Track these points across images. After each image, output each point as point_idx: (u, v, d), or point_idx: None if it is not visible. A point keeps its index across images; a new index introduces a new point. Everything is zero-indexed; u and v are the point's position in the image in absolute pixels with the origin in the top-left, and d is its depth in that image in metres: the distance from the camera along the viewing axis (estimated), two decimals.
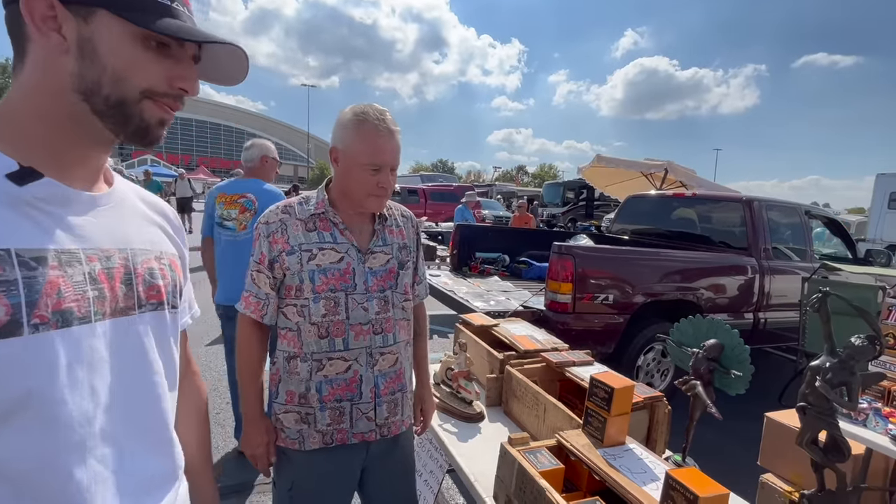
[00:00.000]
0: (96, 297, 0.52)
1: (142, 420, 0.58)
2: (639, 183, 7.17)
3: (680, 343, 1.27)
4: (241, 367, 1.17)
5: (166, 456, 0.63)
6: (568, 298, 2.93)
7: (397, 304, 1.17)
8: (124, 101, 0.53)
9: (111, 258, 0.55)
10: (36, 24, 0.49)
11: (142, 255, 0.60)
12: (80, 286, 0.51)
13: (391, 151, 1.09)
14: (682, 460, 1.23)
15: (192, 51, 0.57)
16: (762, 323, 3.77)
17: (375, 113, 1.08)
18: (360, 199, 1.11)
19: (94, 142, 0.56)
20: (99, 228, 0.55)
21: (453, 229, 4.94)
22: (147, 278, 0.60)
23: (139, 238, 0.61)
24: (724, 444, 2.77)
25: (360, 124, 1.07)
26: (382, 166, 1.08)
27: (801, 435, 0.96)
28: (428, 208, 13.61)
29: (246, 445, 1.15)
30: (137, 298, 0.58)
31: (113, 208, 0.59)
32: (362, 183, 1.09)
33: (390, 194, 1.14)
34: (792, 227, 4.18)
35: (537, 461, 1.03)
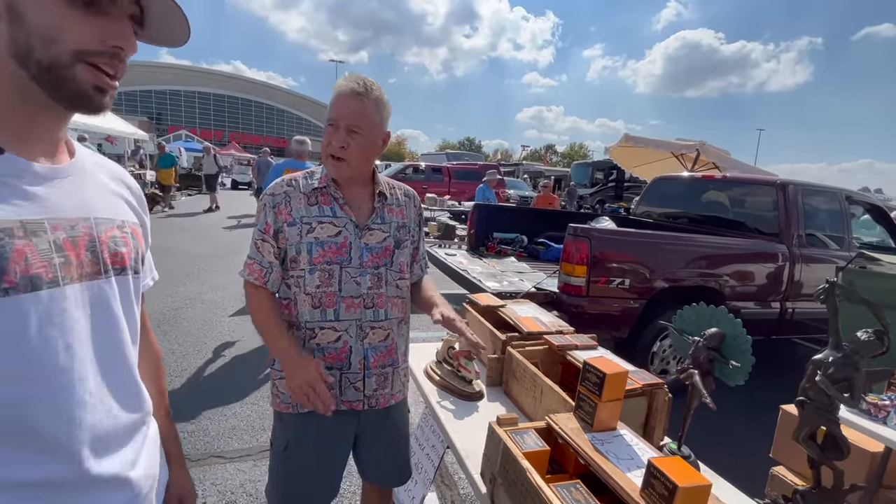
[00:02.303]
0: (62, 264, 0.55)
1: (114, 372, 0.63)
2: (669, 164, 6.88)
3: (682, 331, 1.23)
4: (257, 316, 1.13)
5: (136, 402, 0.68)
6: (582, 281, 2.88)
7: (391, 281, 1.18)
8: (57, 64, 0.52)
9: (75, 227, 0.58)
10: None
11: (105, 224, 0.63)
12: (46, 253, 0.53)
13: (345, 107, 1.07)
14: (677, 448, 1.21)
15: (129, 10, 0.57)
16: (790, 312, 3.62)
17: (351, 76, 1.10)
18: (324, 163, 1.13)
19: (40, 110, 0.56)
20: (62, 199, 0.57)
21: (471, 208, 4.90)
22: (111, 246, 0.63)
23: (102, 208, 0.63)
24: (742, 434, 2.71)
25: (334, 88, 1.09)
26: (335, 121, 1.08)
27: (799, 430, 0.93)
28: (452, 187, 13.51)
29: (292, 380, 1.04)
30: (103, 264, 0.61)
31: (74, 179, 0.61)
32: (322, 144, 1.11)
33: (352, 161, 1.09)
34: (830, 213, 3.94)
35: (523, 442, 1.04)
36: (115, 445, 0.63)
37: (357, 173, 1.15)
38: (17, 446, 0.52)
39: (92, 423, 0.58)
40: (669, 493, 0.80)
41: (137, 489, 0.65)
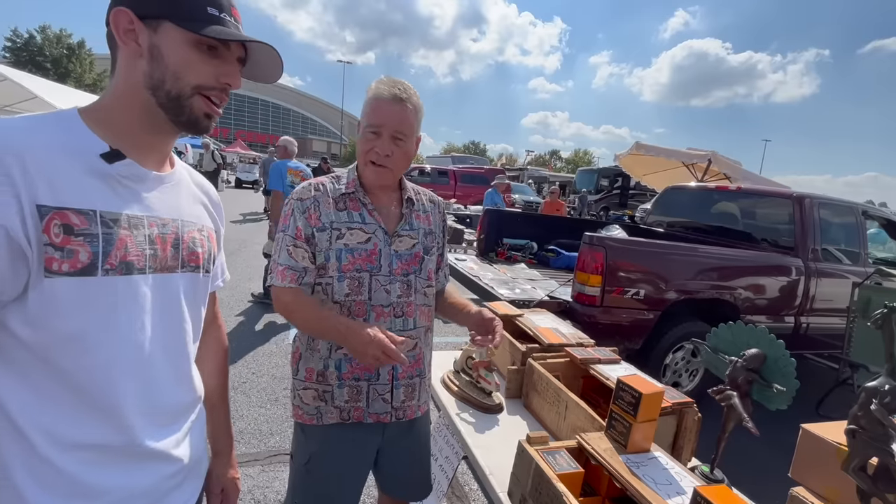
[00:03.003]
0: (151, 255, 0.66)
1: (174, 356, 0.72)
2: (678, 173, 6.84)
3: (716, 349, 1.19)
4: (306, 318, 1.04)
5: (189, 388, 0.77)
6: (596, 291, 2.84)
7: (420, 289, 1.15)
8: (180, 95, 0.65)
9: (166, 226, 0.70)
10: (120, 35, 0.63)
11: (188, 227, 0.75)
12: (141, 245, 0.65)
13: (390, 114, 1.04)
14: (710, 472, 1.17)
15: (237, 53, 0.70)
16: (804, 328, 3.57)
17: (388, 80, 1.06)
18: (362, 170, 1.09)
19: (160, 130, 0.69)
20: (160, 202, 0.70)
21: (482, 213, 4.86)
22: (190, 245, 0.74)
23: (188, 212, 0.76)
24: (752, 450, 2.66)
25: (372, 91, 1.06)
26: (378, 128, 1.04)
27: (849, 460, 0.89)
28: (457, 190, 13.50)
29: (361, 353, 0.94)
30: (181, 260, 0.72)
31: (173, 187, 0.73)
32: (362, 149, 1.07)
33: (395, 167, 1.07)
34: (845, 227, 3.89)
35: (556, 463, 1.00)
36: (167, 423, 0.72)
37: (395, 181, 1.13)
38: (86, 410, 0.61)
39: (152, 397, 0.68)
40: None
41: (180, 467, 0.74)
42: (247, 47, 0.71)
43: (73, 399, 0.61)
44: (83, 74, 29.78)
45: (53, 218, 0.56)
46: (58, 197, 0.57)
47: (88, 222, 0.59)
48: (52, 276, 0.56)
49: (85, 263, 0.58)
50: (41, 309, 0.57)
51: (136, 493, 0.68)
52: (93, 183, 0.61)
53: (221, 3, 0.66)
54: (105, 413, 0.63)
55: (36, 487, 0.59)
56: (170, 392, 0.72)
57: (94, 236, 0.59)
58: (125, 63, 0.65)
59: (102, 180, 0.62)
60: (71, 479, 0.61)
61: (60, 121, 0.62)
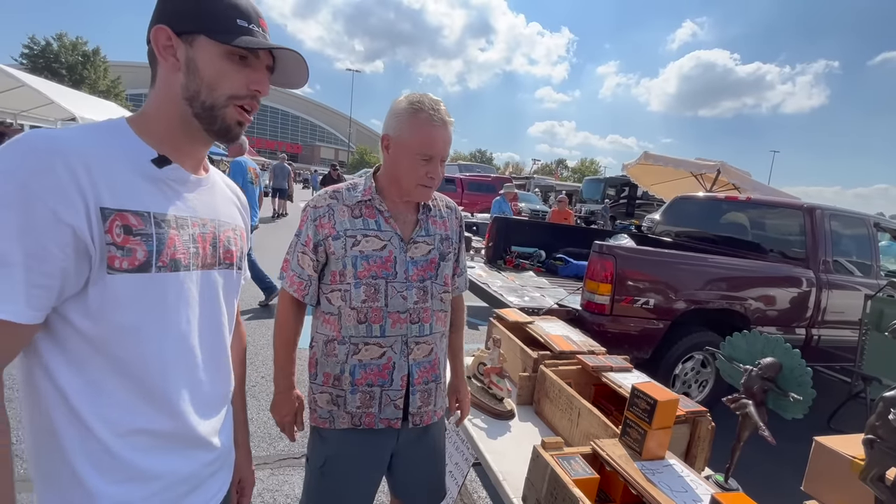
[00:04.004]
0: (194, 253, 0.71)
1: (214, 347, 0.77)
2: (686, 183, 6.83)
3: (731, 358, 1.19)
4: (279, 339, 1.20)
5: (227, 379, 0.82)
6: (606, 300, 2.84)
7: (436, 294, 1.16)
8: (214, 105, 0.69)
9: (206, 225, 0.75)
10: (160, 51, 0.67)
11: (224, 226, 0.79)
12: (187, 244, 0.70)
13: (443, 142, 1.07)
14: (724, 481, 1.17)
15: (266, 62, 0.73)
16: (815, 340, 3.53)
17: (431, 103, 1.07)
18: (408, 188, 1.11)
19: (196, 138, 0.73)
20: (200, 203, 0.75)
21: (490, 221, 4.88)
22: (226, 244, 0.79)
23: (224, 213, 0.80)
24: (762, 463, 2.63)
25: (415, 113, 1.06)
26: (433, 156, 1.07)
27: (867, 470, 0.88)
28: (464, 198, 13.53)
29: (276, 412, 1.23)
30: (218, 258, 0.77)
31: (209, 189, 0.78)
32: (412, 172, 1.08)
33: (438, 185, 1.13)
34: (857, 239, 3.87)
35: (571, 468, 1.00)
36: (210, 412, 0.76)
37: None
38: (140, 398, 0.65)
39: (198, 387, 0.72)
40: None
41: (217, 454, 0.78)
42: (274, 55, 0.74)
43: (128, 387, 0.65)
44: (97, 81, 30.33)
45: (115, 219, 0.61)
46: (118, 199, 0.62)
47: (144, 223, 0.64)
48: (114, 272, 0.61)
49: (142, 261, 0.63)
50: (101, 303, 0.61)
51: (182, 478, 0.72)
52: (145, 186, 0.66)
53: (250, 14, 0.70)
54: (157, 400, 0.67)
55: (94, 472, 0.63)
56: (212, 381, 0.76)
57: (149, 236, 0.64)
58: (164, 76, 0.69)
59: (153, 184, 0.67)
60: (126, 464, 0.65)
61: (113, 130, 0.67)
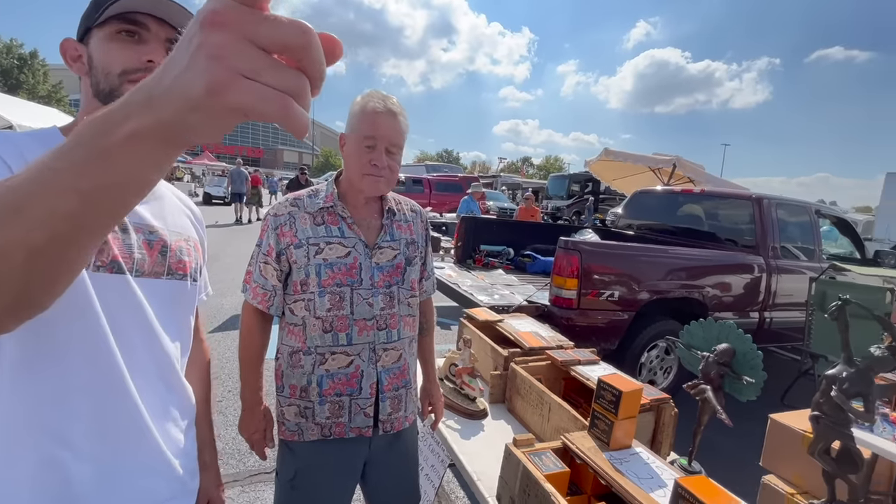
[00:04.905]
0: (140, 259, 0.69)
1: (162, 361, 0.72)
2: (646, 178, 7.09)
3: (689, 346, 1.24)
4: (244, 354, 1.17)
5: (179, 394, 0.77)
6: (573, 294, 2.91)
7: (403, 300, 1.16)
8: (112, 89, 0.66)
9: (153, 233, 0.73)
10: (69, 62, 0.68)
11: (175, 236, 0.77)
12: (130, 248, 0.68)
13: (387, 128, 1.06)
14: (688, 464, 1.22)
15: (162, 34, 0.69)
16: (767, 322, 3.74)
17: (379, 95, 1.08)
18: (356, 181, 1.10)
19: None
20: (144, 210, 0.73)
21: (458, 221, 4.90)
22: (178, 253, 0.76)
23: (174, 222, 0.78)
24: (723, 442, 2.76)
25: (363, 105, 1.07)
26: (376, 140, 1.05)
27: (814, 444, 0.94)
28: (432, 199, 13.54)
29: (244, 429, 1.18)
30: (167, 267, 0.74)
31: (157, 199, 0.76)
32: (357, 162, 1.07)
33: (388, 178, 1.09)
34: (801, 225, 4.12)
35: (542, 464, 1.02)
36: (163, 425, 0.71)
37: (388, 191, 1.15)
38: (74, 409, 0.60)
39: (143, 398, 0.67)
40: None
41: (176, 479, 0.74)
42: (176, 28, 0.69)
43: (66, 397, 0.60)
44: (36, 86, 28.45)
45: None
46: None
47: None
48: None
49: None
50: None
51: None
52: None
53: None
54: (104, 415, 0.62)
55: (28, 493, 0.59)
56: (161, 393, 0.71)
57: None
58: (83, 83, 0.69)
59: None
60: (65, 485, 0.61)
61: (45, 137, 0.65)
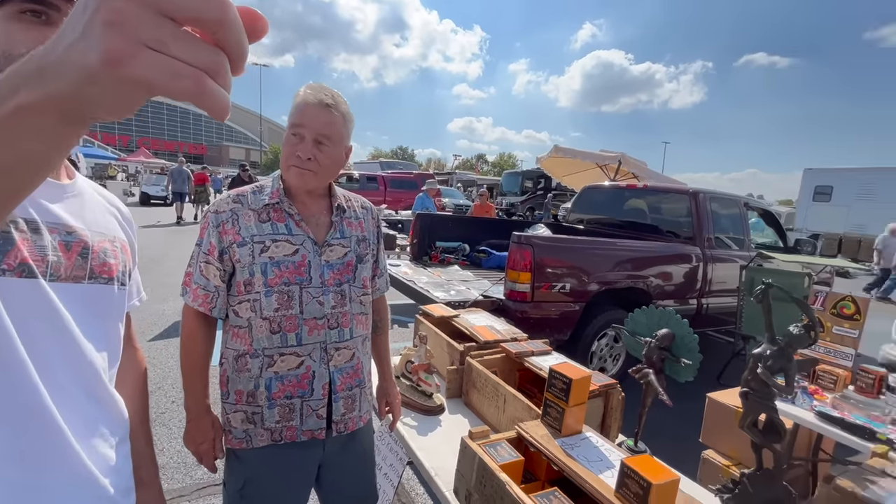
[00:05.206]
0: (55, 262, 0.62)
1: (86, 372, 0.66)
2: (594, 174, 7.38)
3: (634, 332, 1.31)
4: (186, 361, 1.09)
5: (108, 408, 0.71)
6: (527, 287, 2.98)
7: (355, 298, 1.13)
8: None
9: (72, 234, 0.66)
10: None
11: (98, 236, 0.70)
12: (43, 250, 0.61)
13: (314, 117, 1.02)
14: (634, 445, 1.28)
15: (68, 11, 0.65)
16: (705, 308, 4.01)
17: (317, 86, 1.05)
18: (284, 172, 1.07)
19: None
20: (63, 210, 0.66)
21: (413, 218, 4.88)
22: (101, 255, 0.70)
23: (95, 221, 0.71)
24: (667, 423, 2.93)
25: (299, 97, 1.04)
26: (302, 129, 1.02)
27: (743, 418, 1.02)
28: (388, 196, 13.40)
29: (190, 441, 1.10)
30: (90, 270, 0.68)
31: (75, 197, 0.70)
32: (284, 153, 1.05)
33: (317, 171, 1.05)
34: (732, 217, 4.45)
35: (497, 454, 1.04)
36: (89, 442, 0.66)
37: (320, 186, 1.10)
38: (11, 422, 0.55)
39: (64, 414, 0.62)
40: (644, 491, 0.84)
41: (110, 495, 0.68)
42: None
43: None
44: None
45: None
46: None
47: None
48: None
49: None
50: None
51: None
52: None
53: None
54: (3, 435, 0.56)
55: None
56: (82, 413, 0.65)
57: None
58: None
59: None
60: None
61: None
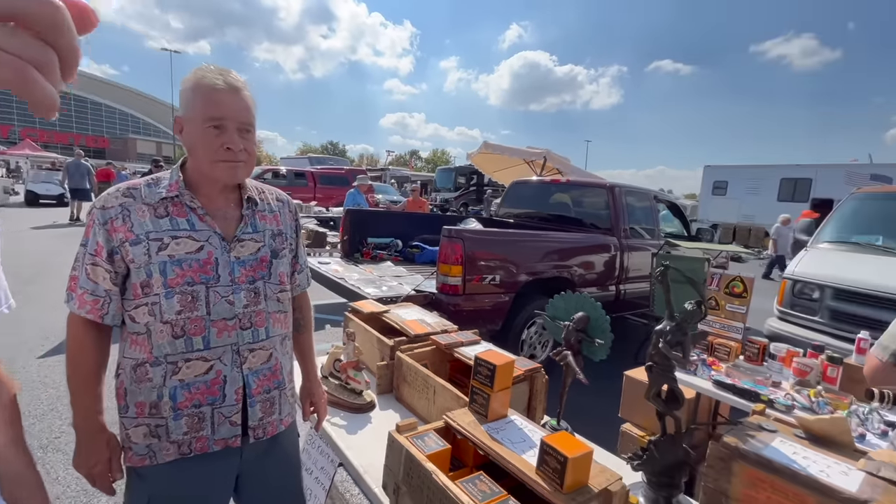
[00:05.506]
0: None
1: None
2: (522, 169, 7.66)
3: (554, 317, 1.37)
4: (73, 374, 0.96)
5: None
6: (458, 280, 3.02)
7: (271, 295, 1.07)
8: None
9: None
10: None
11: None
12: None
13: (234, 105, 0.95)
14: (557, 424, 1.35)
15: None
16: (623, 293, 4.33)
17: (215, 69, 0.97)
18: (209, 170, 0.98)
19: None
20: None
21: (343, 214, 4.75)
22: None
23: None
24: (591, 403, 3.14)
25: (197, 81, 0.94)
26: (224, 121, 0.95)
27: (648, 390, 1.11)
28: (318, 192, 12.93)
29: (81, 464, 0.98)
30: None
31: None
32: (206, 148, 0.95)
33: (248, 162, 1.00)
34: (644, 209, 4.84)
35: (425, 445, 1.03)
36: None
37: (248, 178, 1.03)
38: None
39: None
40: (561, 465, 0.88)
41: None
42: None
43: None
44: None
45: None
46: None
47: None
48: None
49: None
50: None
51: None
52: None
53: None
54: None
55: None
56: None
57: None
58: None
59: None
60: None
61: None
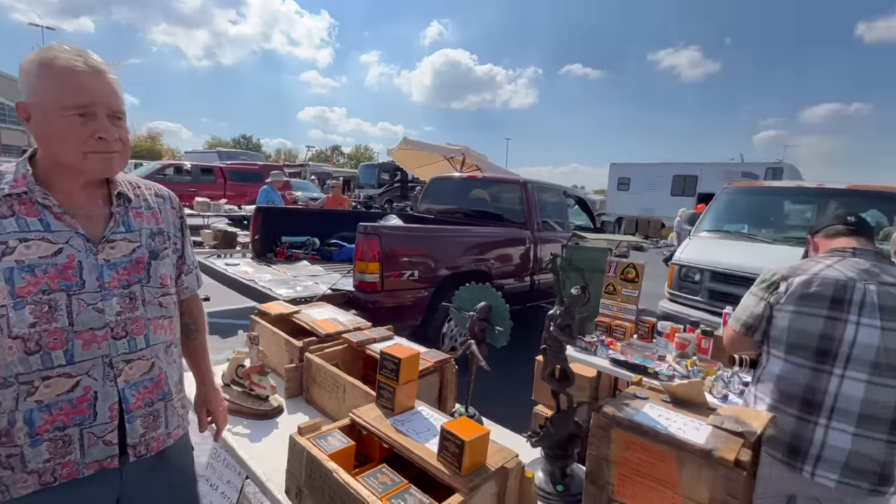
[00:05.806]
0: None
1: None
2: (443, 166, 7.77)
3: (460, 308, 1.41)
4: None
5: None
6: (376, 277, 2.99)
7: (151, 300, 0.98)
8: None
9: None
10: None
11: None
12: None
13: (101, 89, 0.86)
14: (465, 410, 1.39)
15: None
16: (537, 283, 4.59)
17: (71, 48, 0.86)
18: (76, 163, 0.86)
19: None
20: None
21: (253, 212, 4.48)
22: None
23: None
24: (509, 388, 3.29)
25: (49, 63, 0.83)
26: (91, 107, 0.85)
27: (543, 370, 1.19)
28: (228, 189, 12.01)
29: None
30: None
31: None
32: (70, 138, 0.84)
33: (123, 152, 0.91)
34: (555, 204, 5.17)
35: (328, 445, 1.02)
36: None
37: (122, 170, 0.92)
38: None
39: None
40: (459, 448, 0.91)
41: None
42: None
43: None
44: None
45: None
46: None
47: None
48: None
49: None
50: None
51: None
52: None
53: None
54: None
55: None
56: None
57: None
58: None
59: None
60: None
61: None
